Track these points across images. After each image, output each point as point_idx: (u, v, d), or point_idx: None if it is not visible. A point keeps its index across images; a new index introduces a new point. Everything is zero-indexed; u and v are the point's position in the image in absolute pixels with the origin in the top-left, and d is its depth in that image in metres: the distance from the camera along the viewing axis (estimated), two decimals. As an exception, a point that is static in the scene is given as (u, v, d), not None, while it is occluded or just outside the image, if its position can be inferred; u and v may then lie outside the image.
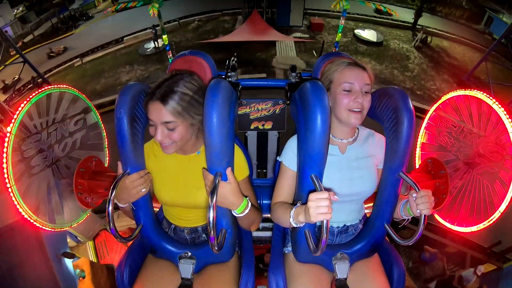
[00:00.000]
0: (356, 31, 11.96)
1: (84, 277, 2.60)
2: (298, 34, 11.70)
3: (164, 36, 8.00)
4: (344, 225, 1.23)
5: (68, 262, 2.40)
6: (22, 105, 1.15)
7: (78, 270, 2.61)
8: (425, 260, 3.35)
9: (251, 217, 1.14)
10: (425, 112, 1.51)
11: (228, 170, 1.05)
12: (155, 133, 1.05)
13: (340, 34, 8.95)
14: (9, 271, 1.83)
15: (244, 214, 1.10)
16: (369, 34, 11.82)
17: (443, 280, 3.20)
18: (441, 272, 3.23)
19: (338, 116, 1.12)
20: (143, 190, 1.11)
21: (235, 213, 1.10)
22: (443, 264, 3.25)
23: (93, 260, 2.69)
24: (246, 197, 1.11)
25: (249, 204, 1.11)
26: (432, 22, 12.69)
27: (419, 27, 11.97)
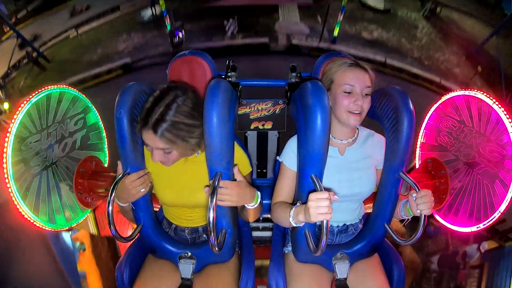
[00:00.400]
0: (362, -4, 11.54)
1: (84, 250, 2.52)
2: (302, -1, 11.20)
3: (161, 1, 7.68)
4: (344, 224, 1.23)
5: (66, 236, 2.33)
6: (22, 105, 1.15)
7: (78, 243, 2.52)
8: (429, 234, 3.32)
9: (260, 207, 1.19)
10: (433, 83, 1.50)
11: (235, 169, 1.07)
12: (151, 154, 1.05)
13: None
14: (5, 249, 1.82)
15: (257, 204, 1.13)
16: (375, 0, 11.35)
17: (446, 255, 3.16)
18: (445, 246, 3.19)
19: (337, 117, 1.12)
20: (143, 190, 1.11)
21: (250, 206, 1.11)
22: (446, 239, 3.22)
23: (94, 232, 2.65)
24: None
25: (259, 194, 1.14)
26: (442, -8, 12.27)
27: (428, -4, 11.55)
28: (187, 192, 1.16)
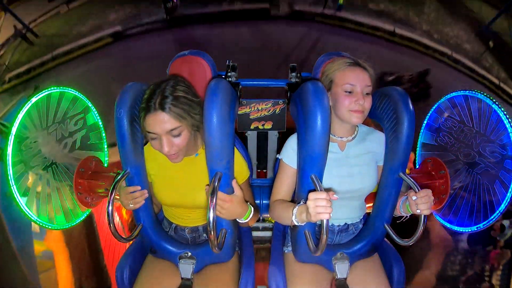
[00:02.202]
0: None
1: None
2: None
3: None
4: (345, 223, 1.24)
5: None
6: (22, 105, 1.16)
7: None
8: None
9: (253, 219, 1.18)
10: (444, 55, 1.48)
11: (234, 182, 1.07)
12: (160, 146, 1.03)
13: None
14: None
15: (248, 220, 1.13)
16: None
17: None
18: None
19: (339, 116, 1.12)
20: (131, 205, 1.11)
21: (241, 220, 1.13)
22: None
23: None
24: (246, 201, 1.13)
25: (253, 209, 1.14)
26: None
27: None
28: (186, 192, 1.16)
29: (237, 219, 1.13)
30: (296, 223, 1.04)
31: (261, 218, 1.82)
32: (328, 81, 1.13)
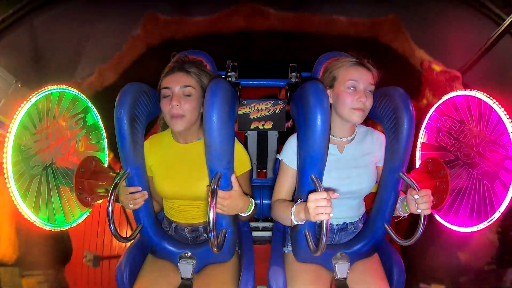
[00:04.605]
0: None
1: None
2: None
3: None
4: (344, 222, 1.24)
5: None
6: (22, 105, 1.15)
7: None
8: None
9: (254, 211, 1.20)
10: None
11: (233, 177, 1.08)
12: (170, 101, 1.09)
13: None
14: None
15: (250, 212, 1.15)
16: None
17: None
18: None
19: (340, 114, 1.12)
20: (131, 206, 1.12)
21: (244, 214, 1.14)
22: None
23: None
24: (246, 194, 1.14)
25: (253, 201, 1.16)
26: None
27: None
28: (187, 182, 1.17)
29: (240, 214, 1.14)
30: (295, 222, 1.04)
31: (261, 218, 1.82)
32: (331, 78, 1.13)
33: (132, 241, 1.26)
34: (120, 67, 3.02)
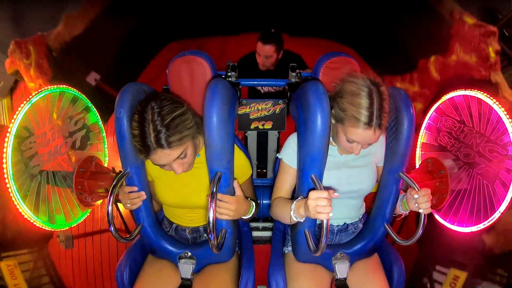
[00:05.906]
0: None
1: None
2: None
3: None
4: (344, 223, 1.24)
5: None
6: (22, 105, 1.15)
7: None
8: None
9: (255, 214, 1.20)
10: None
11: (235, 183, 1.08)
12: (171, 169, 1.02)
13: None
14: None
15: (251, 215, 1.16)
16: None
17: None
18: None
19: (335, 143, 1.14)
20: (129, 205, 1.12)
21: (246, 216, 1.15)
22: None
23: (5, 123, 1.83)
24: (247, 198, 1.14)
25: (254, 204, 1.17)
26: None
27: None
28: (188, 193, 1.16)
29: (243, 217, 1.15)
30: (295, 219, 1.04)
31: (261, 218, 1.82)
32: (338, 116, 1.04)
33: (132, 241, 1.26)
34: (89, 15, 2.59)
